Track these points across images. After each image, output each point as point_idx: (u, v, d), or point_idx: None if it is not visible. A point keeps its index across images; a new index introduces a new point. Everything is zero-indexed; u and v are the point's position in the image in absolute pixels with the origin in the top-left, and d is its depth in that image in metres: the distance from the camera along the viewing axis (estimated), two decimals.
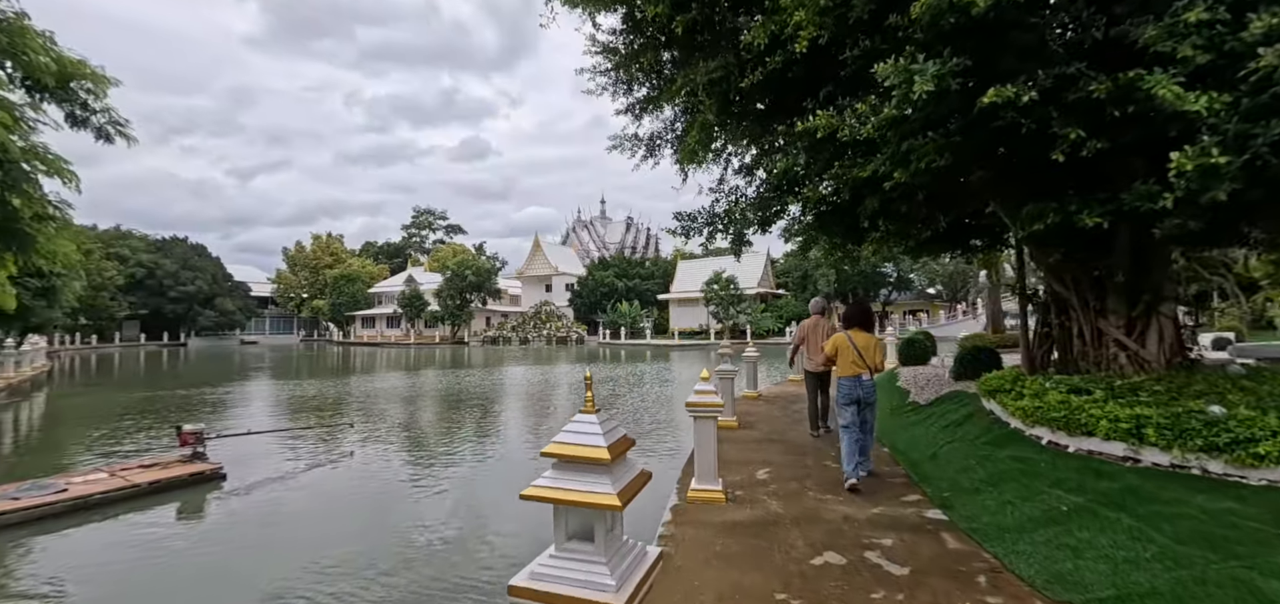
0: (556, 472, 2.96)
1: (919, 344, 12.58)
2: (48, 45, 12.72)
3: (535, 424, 13.67)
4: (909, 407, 8.17)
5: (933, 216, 7.66)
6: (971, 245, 9.26)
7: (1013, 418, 5.79)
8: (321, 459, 9.99)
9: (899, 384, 10.10)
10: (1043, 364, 6.76)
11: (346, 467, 9.54)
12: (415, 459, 10.31)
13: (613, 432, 3.04)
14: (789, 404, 10.54)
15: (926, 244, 9.10)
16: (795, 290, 53.58)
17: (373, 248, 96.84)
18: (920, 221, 7.86)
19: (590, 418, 3.03)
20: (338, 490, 8.35)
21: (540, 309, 61.38)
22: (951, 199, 7.12)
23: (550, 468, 2.99)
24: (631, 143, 9.38)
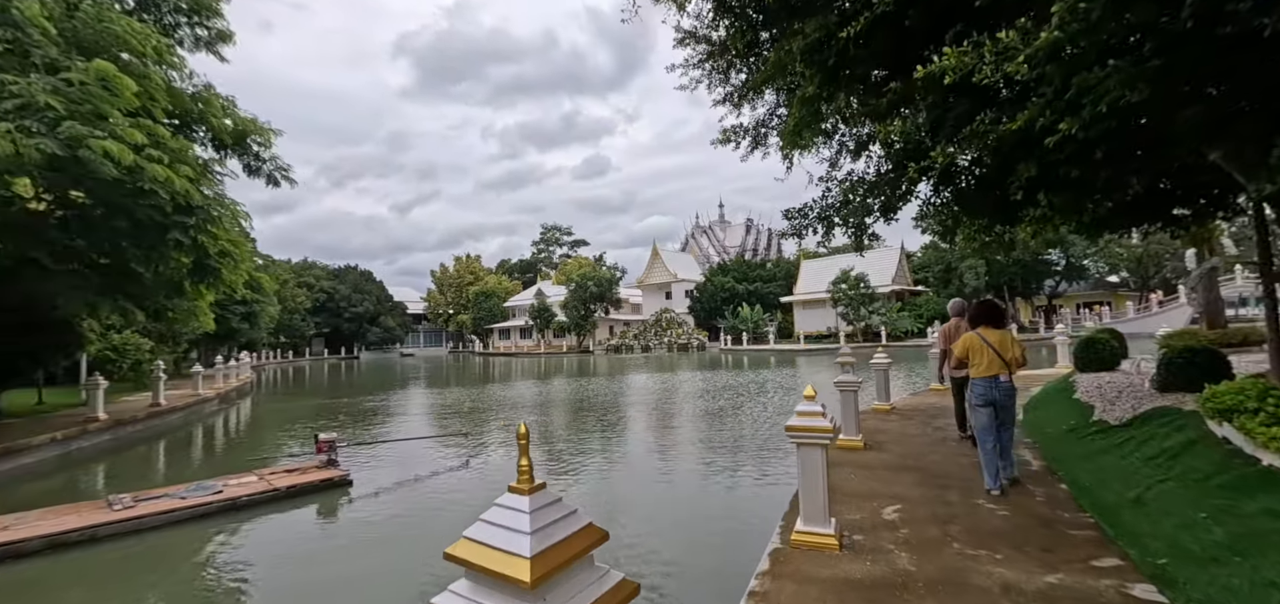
0: (469, 588, 1.61)
1: (1102, 345, 10.20)
2: (229, 108, 15.01)
3: (653, 431, 13.23)
4: (1094, 426, 6.43)
5: (1118, 181, 5.94)
6: (1174, 217, 7.17)
7: (1265, 451, 4.14)
8: (440, 467, 10.36)
9: (1077, 396, 8.15)
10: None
11: (461, 476, 9.76)
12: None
13: (554, 525, 1.62)
14: (930, 418, 8.99)
15: (1108, 219, 7.19)
16: (937, 286, 48.22)
17: (507, 265, 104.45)
18: (1099, 190, 6.16)
19: (519, 500, 1.64)
20: (452, 496, 8.49)
21: (660, 316, 61.65)
22: (1146, 154, 5.43)
23: (461, 579, 1.66)
24: (735, 134, 8.66)
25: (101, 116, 9.61)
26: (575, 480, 9.37)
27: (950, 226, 7.15)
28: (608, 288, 63.44)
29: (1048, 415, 7.72)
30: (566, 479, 9.40)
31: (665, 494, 8.81)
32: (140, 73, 10.98)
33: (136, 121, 10.34)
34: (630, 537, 6.47)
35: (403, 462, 10.70)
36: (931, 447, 7.13)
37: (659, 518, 7.56)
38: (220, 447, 14.51)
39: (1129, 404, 6.90)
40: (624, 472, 10.12)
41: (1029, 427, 7.64)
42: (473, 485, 9.20)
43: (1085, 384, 8.92)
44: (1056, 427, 6.95)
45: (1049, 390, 9.81)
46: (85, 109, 9.47)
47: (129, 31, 10.91)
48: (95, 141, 9.21)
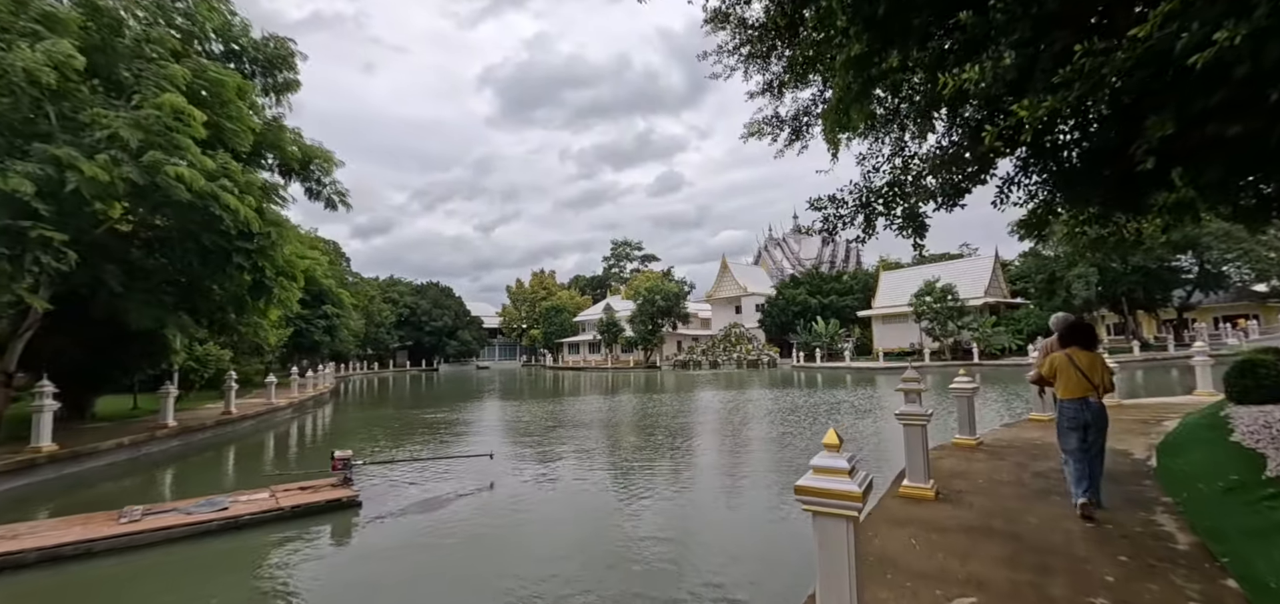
0: None
1: (1268, 369, 7.96)
2: (296, 138, 15.68)
3: (703, 469, 12.03)
4: (1271, 487, 4.64)
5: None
6: None
7: None
8: (466, 487, 9.72)
9: (1236, 438, 6.21)
10: None
11: (484, 500, 9.04)
12: (560, 494, 9.43)
13: None
14: (1028, 458, 7.25)
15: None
16: (1039, 297, 43.34)
17: (580, 281, 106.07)
18: (1274, 156, 4.45)
19: None
20: (464, 527, 7.75)
21: (729, 331, 59.67)
22: None
23: None
24: (772, 126, 7.49)
25: (177, 147, 10.16)
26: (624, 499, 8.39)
27: (1042, 219, 5.55)
28: (675, 302, 62.40)
29: (1195, 464, 5.86)
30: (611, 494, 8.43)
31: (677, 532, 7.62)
32: (225, 109, 11.69)
33: (211, 152, 11.02)
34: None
35: (425, 482, 10.16)
36: (1028, 501, 5.53)
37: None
38: (272, 456, 14.77)
39: None
40: (661, 498, 9.03)
41: (1168, 479, 5.83)
42: (494, 512, 8.43)
43: (1246, 422, 6.87)
44: (1210, 482, 5.16)
45: (1191, 427, 7.73)
46: (161, 138, 10.03)
47: (219, 76, 11.64)
48: (170, 168, 9.88)
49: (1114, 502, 5.27)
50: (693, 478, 10.47)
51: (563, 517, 8.36)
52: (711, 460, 12.15)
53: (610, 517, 8.14)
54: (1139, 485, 5.86)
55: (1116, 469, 6.57)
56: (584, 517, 8.26)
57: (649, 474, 10.73)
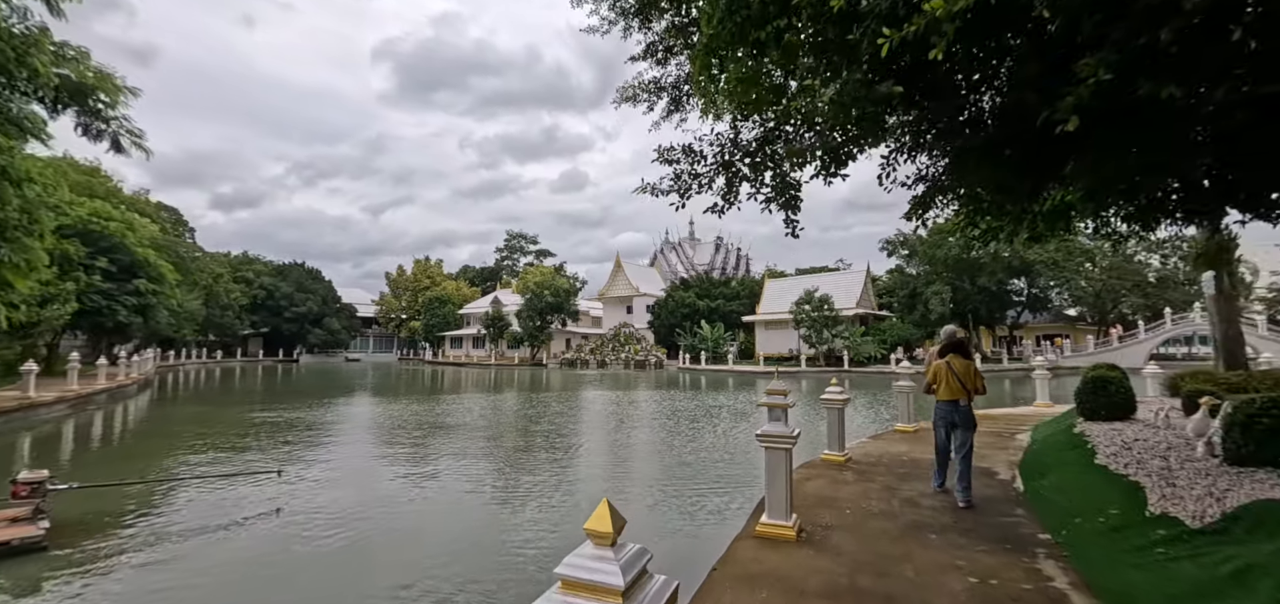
0: None
1: (1116, 387, 7.97)
2: (76, 57, 12.11)
3: (539, 484, 10.48)
4: (1159, 529, 4.00)
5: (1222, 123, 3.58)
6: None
7: None
8: (248, 512, 7.45)
9: (1100, 462, 5.78)
10: None
11: (259, 530, 6.86)
12: (355, 528, 7.41)
13: None
14: (900, 477, 6.53)
15: (1173, 199, 4.87)
16: (902, 311, 46.86)
17: (469, 272, 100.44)
18: (1188, 149, 3.79)
19: None
20: (208, 576, 5.59)
21: (619, 331, 58.90)
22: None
23: None
24: (649, 92, 6.20)
25: None
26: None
27: (928, 198, 4.69)
28: (565, 299, 60.51)
29: (1066, 491, 5.31)
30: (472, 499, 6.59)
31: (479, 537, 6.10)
32: None
33: None
34: None
35: (178, 510, 7.72)
36: (901, 542, 4.61)
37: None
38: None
39: (1196, 485, 4.53)
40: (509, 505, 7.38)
41: (1041, 508, 5.22)
42: (261, 549, 6.32)
43: (1103, 441, 6.59)
44: (1090, 519, 4.52)
45: (1049, 444, 7.48)
46: None
47: None
48: None
49: (991, 542, 4.48)
50: (532, 500, 8.92)
51: (343, 564, 6.31)
52: (546, 478, 10.67)
53: (403, 549, 6.36)
54: (1011, 515, 5.21)
55: (985, 493, 5.99)
56: (367, 563, 6.37)
57: (475, 495, 9.03)
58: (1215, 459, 5.27)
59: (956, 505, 5.49)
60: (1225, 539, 3.59)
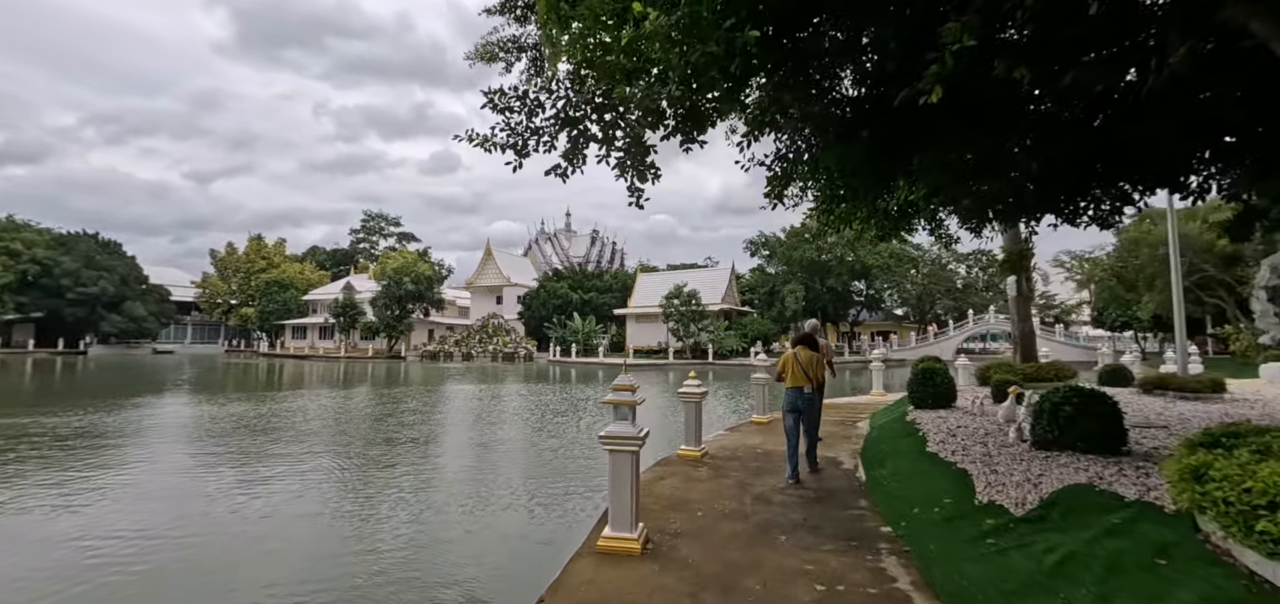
0: None
1: (940, 378, 8.63)
2: None
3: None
4: (988, 518, 4.05)
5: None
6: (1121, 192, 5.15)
7: None
8: None
9: (932, 450, 6.02)
10: None
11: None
12: (157, 550, 5.65)
13: None
14: (752, 475, 6.37)
15: (999, 200, 5.08)
16: (763, 307, 50.00)
17: (320, 254, 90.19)
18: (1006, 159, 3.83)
19: None
20: None
21: (487, 322, 56.25)
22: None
23: None
24: (506, 51, 5.34)
25: None
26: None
27: (785, 176, 4.45)
28: (428, 286, 56.40)
29: (904, 480, 5.42)
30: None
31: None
32: None
33: None
34: None
35: None
36: (752, 547, 4.30)
37: None
38: None
39: (1015, 471, 4.75)
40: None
41: (882, 498, 5.25)
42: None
43: (933, 429, 6.98)
44: (926, 509, 4.55)
45: (886, 432, 7.84)
46: None
47: None
48: None
49: (838, 540, 4.33)
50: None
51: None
52: (384, 486, 9.42)
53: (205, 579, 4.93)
54: (856, 506, 5.19)
55: (831, 484, 6.00)
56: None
57: (298, 504, 7.58)
58: (1025, 443, 5.70)
59: (806, 499, 5.41)
60: (1046, 526, 3.67)
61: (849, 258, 48.90)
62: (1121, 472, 4.35)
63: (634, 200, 4.16)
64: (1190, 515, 3.18)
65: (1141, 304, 30.67)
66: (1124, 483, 4.05)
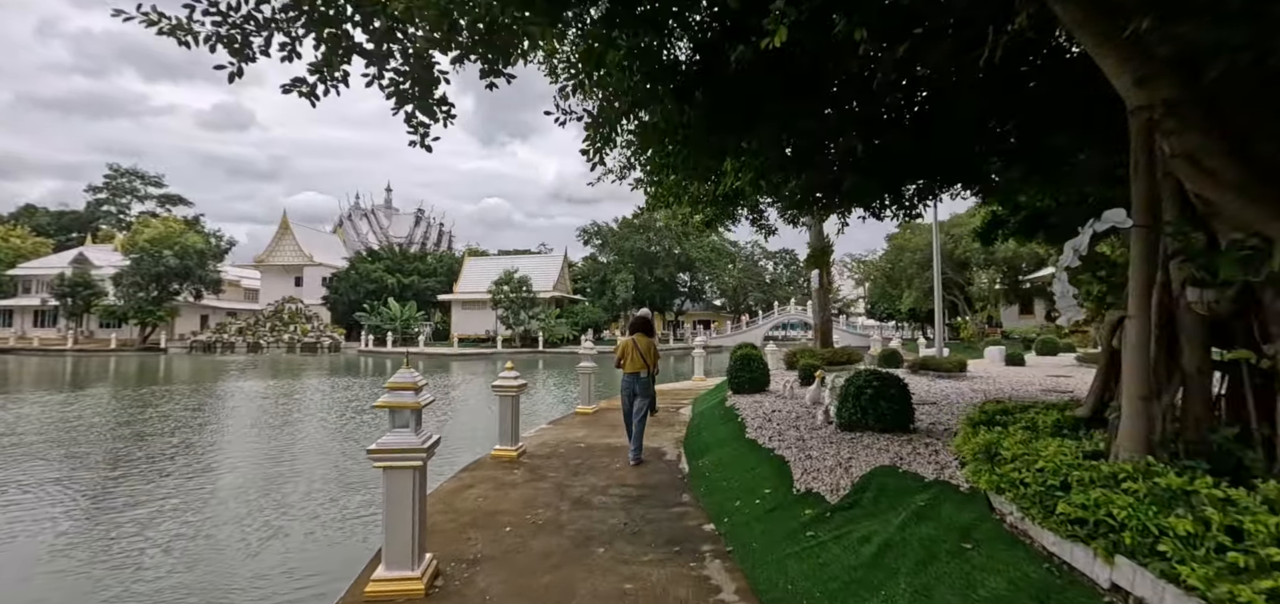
0: None
1: (757, 364, 8.94)
2: None
3: None
4: (807, 509, 3.93)
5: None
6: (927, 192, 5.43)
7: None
8: None
9: (750, 435, 6.01)
10: (1162, 429, 2.82)
11: None
12: None
13: None
14: (571, 474, 5.78)
15: (815, 192, 5.10)
16: (594, 295, 50.37)
17: (38, 215, 69.96)
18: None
19: None
20: None
21: (282, 307, 48.46)
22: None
23: None
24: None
25: None
26: None
27: (605, 138, 3.90)
28: (199, 262, 46.72)
29: (728, 473, 5.25)
30: None
31: None
32: None
33: None
34: None
35: None
36: (563, 565, 3.69)
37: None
38: None
39: (827, 455, 4.81)
40: None
41: (704, 492, 5.01)
42: None
43: (751, 414, 7.08)
44: (748, 501, 4.36)
45: (707, 419, 7.84)
46: None
47: None
48: None
49: (660, 547, 3.92)
50: None
51: None
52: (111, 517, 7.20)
53: None
54: (679, 503, 4.88)
55: (655, 478, 5.68)
56: None
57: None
58: (831, 425, 5.95)
59: (628, 497, 4.99)
60: (860, 512, 3.63)
61: (676, 250, 51.41)
62: (916, 450, 4.61)
63: (417, 140, 3.23)
64: (984, 494, 3.29)
65: (903, 299, 36.86)
66: (920, 462, 4.24)
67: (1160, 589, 2.07)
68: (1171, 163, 2.45)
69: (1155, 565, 2.12)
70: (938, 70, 3.34)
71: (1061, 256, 2.62)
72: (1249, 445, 2.50)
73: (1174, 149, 2.41)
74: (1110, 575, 2.30)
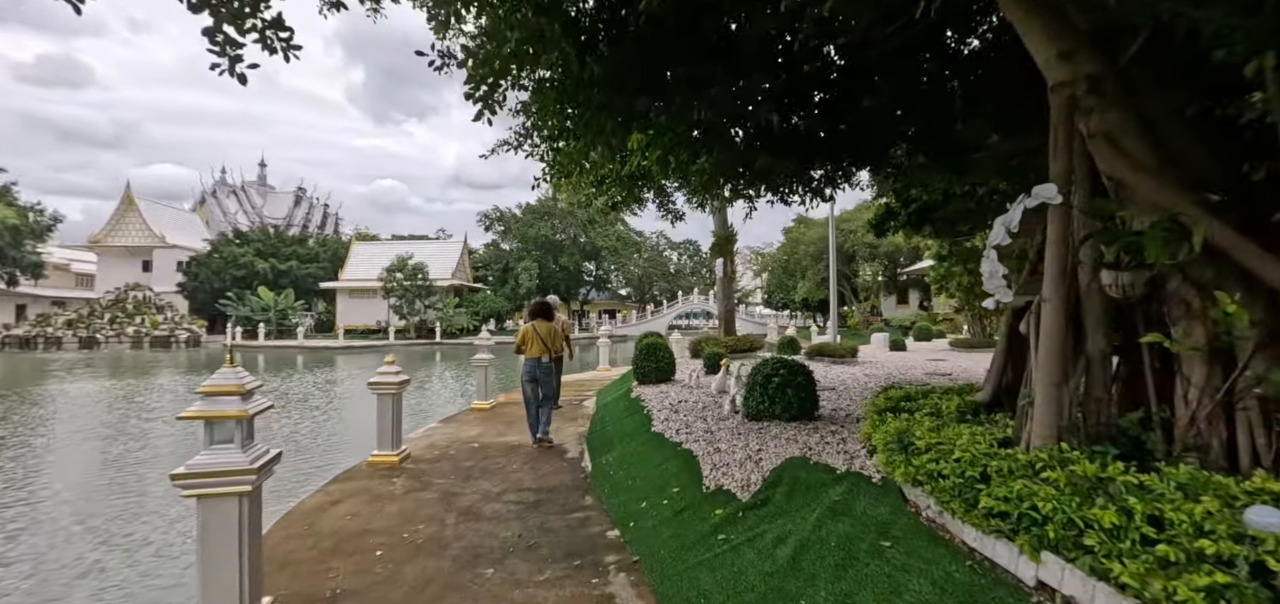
0: None
1: (662, 353, 8.71)
2: None
3: None
4: (717, 508, 3.66)
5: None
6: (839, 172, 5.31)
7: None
8: None
9: (656, 428, 5.72)
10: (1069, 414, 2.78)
11: None
12: None
13: None
14: (462, 479, 5.16)
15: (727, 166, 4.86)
16: (496, 284, 48.48)
17: None
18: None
19: None
20: None
21: (124, 295, 41.96)
22: None
23: None
24: None
25: None
26: None
27: (491, 90, 3.36)
28: (11, 242, 39.27)
29: (633, 471, 4.90)
30: None
31: None
32: None
33: None
34: None
35: None
36: (450, 582, 3.15)
37: None
38: None
39: (737, 447, 4.61)
40: None
41: (608, 494, 4.63)
42: None
43: (657, 405, 6.81)
44: (655, 502, 4.04)
45: (614, 412, 7.48)
46: None
47: None
48: None
49: (558, 561, 3.49)
50: None
51: None
52: None
53: None
54: (581, 507, 4.46)
55: (555, 481, 5.22)
56: None
57: None
58: (737, 414, 5.80)
59: (525, 503, 4.50)
60: (772, 510, 3.41)
61: (581, 239, 50.77)
62: (824, 440, 4.52)
63: (223, 65, 2.51)
64: (896, 485, 3.18)
65: (798, 289, 38.88)
66: (830, 452, 4.14)
67: (1090, 587, 1.96)
68: (1091, 143, 2.39)
69: (1083, 561, 2.01)
70: (859, 39, 3.17)
71: (991, 234, 2.50)
72: (1150, 428, 2.52)
73: (1093, 128, 2.34)
74: (1036, 573, 2.19)
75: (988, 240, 2.48)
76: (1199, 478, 2.13)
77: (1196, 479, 2.12)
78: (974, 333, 17.27)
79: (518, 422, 7.70)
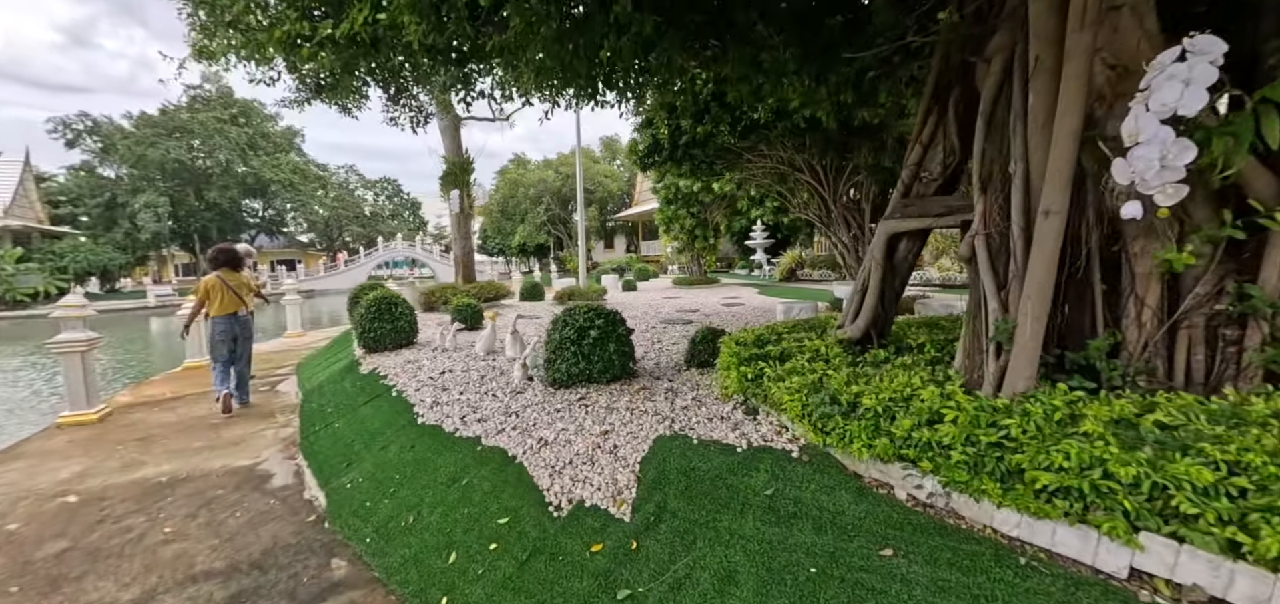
0: None
1: (399, 309, 6.58)
2: None
3: None
4: (590, 545, 2.36)
5: None
6: None
7: None
8: None
9: (428, 420, 4.02)
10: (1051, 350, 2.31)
11: None
12: None
13: None
14: (58, 576, 2.62)
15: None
16: (96, 227, 34.34)
17: None
18: None
19: None
20: None
21: None
22: None
23: None
24: None
25: None
26: None
27: None
28: None
29: (406, 501, 3.13)
30: None
31: None
32: None
33: None
34: None
35: None
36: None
37: None
38: None
39: (570, 436, 3.32)
40: None
41: (374, 546, 2.83)
42: None
43: (411, 384, 4.95)
44: (476, 555, 2.49)
45: (342, 402, 5.25)
46: None
47: None
48: None
49: None
50: None
51: None
52: None
53: None
54: (331, 587, 2.61)
55: (260, 541, 3.12)
56: None
57: None
58: (532, 383, 4.46)
59: (210, 601, 2.43)
60: (672, 530, 2.31)
61: (239, 168, 39.53)
62: (675, 405, 3.58)
63: None
64: (823, 452, 2.43)
65: (515, 233, 37.89)
66: (702, 421, 3.20)
67: (1222, 570, 1.44)
68: (1111, 15, 1.86)
69: (1197, 538, 1.48)
70: None
71: (1134, 120, 1.76)
72: (1115, 355, 2.24)
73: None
74: (1131, 560, 1.62)
75: (1127, 125, 1.77)
76: (1214, 407, 1.85)
77: (1221, 411, 1.82)
78: (692, 272, 19.06)
79: (161, 434, 4.88)
